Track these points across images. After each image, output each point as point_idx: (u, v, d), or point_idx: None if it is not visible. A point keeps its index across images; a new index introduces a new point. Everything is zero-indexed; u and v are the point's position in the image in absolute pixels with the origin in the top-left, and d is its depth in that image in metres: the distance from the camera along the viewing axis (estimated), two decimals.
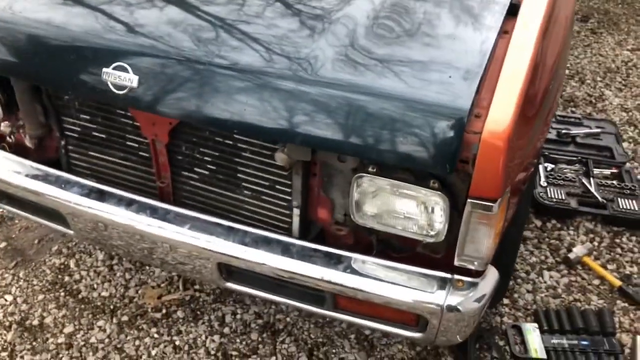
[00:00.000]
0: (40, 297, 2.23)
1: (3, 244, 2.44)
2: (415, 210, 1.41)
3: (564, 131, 2.98)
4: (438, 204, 1.36)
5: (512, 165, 1.31)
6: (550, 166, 2.77)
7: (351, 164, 1.43)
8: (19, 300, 2.21)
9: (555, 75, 1.63)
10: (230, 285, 1.65)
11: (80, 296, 2.23)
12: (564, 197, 2.59)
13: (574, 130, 3.00)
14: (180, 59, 1.43)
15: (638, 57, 3.91)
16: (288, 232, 1.62)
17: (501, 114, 1.27)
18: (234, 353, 2.04)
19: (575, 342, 2.06)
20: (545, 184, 2.64)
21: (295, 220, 1.60)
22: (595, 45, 4.05)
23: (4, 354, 2.03)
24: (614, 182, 2.69)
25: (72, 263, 2.36)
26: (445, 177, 1.33)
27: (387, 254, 1.54)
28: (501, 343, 2.07)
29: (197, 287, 2.26)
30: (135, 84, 1.43)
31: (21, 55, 1.58)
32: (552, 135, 2.97)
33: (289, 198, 1.57)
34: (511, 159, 1.29)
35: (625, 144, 3.03)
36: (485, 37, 1.41)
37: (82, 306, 2.19)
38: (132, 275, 2.30)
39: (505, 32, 1.46)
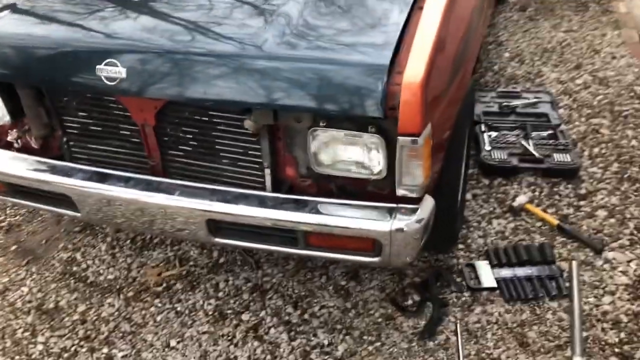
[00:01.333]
0: (53, 285, 2.52)
1: (14, 247, 2.73)
2: (360, 154, 1.75)
3: (504, 104, 3.35)
4: (377, 145, 1.70)
5: (432, 106, 1.66)
6: (493, 134, 3.13)
7: (306, 122, 1.76)
8: (34, 290, 2.50)
9: (466, 41, 1.99)
10: (218, 240, 1.96)
11: (88, 281, 2.52)
12: (506, 157, 2.95)
13: (514, 102, 3.37)
14: (159, 51, 1.77)
15: (571, 37, 4.32)
16: (262, 190, 1.95)
17: (415, 69, 1.62)
18: (229, 311, 2.34)
19: (521, 272, 2.39)
20: (490, 148, 3.00)
21: (268, 179, 1.93)
22: (533, 30, 4.46)
23: (27, 333, 2.32)
24: (550, 141, 3.06)
25: (78, 255, 2.65)
26: (380, 123, 1.67)
27: (344, 197, 1.87)
28: (458, 279, 2.40)
29: (192, 263, 2.56)
30: (124, 75, 1.76)
31: (27, 65, 1.91)
32: (495, 108, 3.34)
33: (260, 160, 1.90)
34: (428, 101, 1.63)
35: (561, 110, 3.41)
36: (402, 11, 1.77)
37: (92, 289, 2.49)
38: (133, 260, 2.60)
39: (420, 7, 1.82)
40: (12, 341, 2.28)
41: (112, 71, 1.77)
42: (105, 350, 2.23)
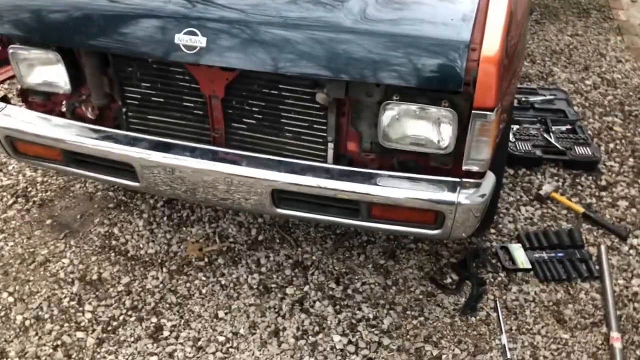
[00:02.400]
0: (94, 258, 2.53)
1: (49, 221, 2.72)
2: (430, 128, 1.82)
3: (523, 99, 3.48)
4: (449, 119, 1.78)
5: (501, 85, 1.75)
6: (515, 127, 3.25)
7: (377, 97, 1.83)
8: (75, 262, 2.51)
9: (524, 25, 2.09)
10: (281, 211, 2.01)
11: (129, 255, 2.54)
12: (530, 149, 3.07)
13: (532, 98, 3.50)
14: (240, 22, 1.82)
15: (577, 40, 4.49)
16: (324, 163, 2.01)
17: (491, 46, 1.70)
18: (273, 285, 2.40)
19: (553, 254, 2.50)
20: (514, 140, 3.12)
21: (330, 153, 1.99)
22: (541, 32, 4.62)
23: (73, 302, 2.33)
24: (570, 135, 3.19)
25: (116, 230, 2.67)
26: (453, 98, 1.76)
27: (405, 172, 1.95)
28: (493, 261, 2.50)
29: (231, 239, 2.61)
30: (204, 44, 1.81)
31: (99, 31, 1.93)
32: (515, 103, 3.46)
33: (325, 134, 1.97)
34: (501, 79, 1.72)
35: (575, 108, 3.55)
36: None
37: (133, 262, 2.51)
38: (172, 235, 2.63)
39: None
40: (59, 309, 2.29)
41: (192, 40, 1.81)
42: (153, 319, 2.26)
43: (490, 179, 1.90)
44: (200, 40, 1.81)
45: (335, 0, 1.86)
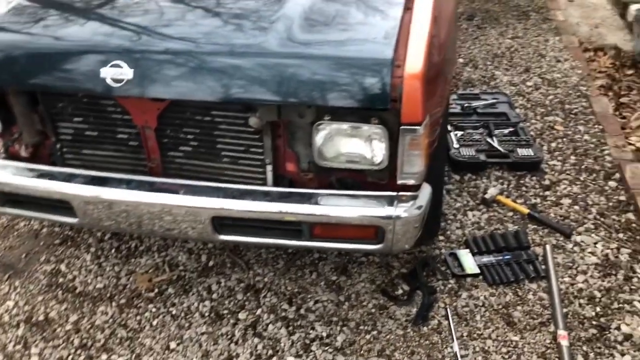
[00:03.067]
0: (40, 298, 2.47)
1: None
2: (363, 145, 1.84)
3: (466, 105, 3.54)
4: (380, 136, 1.80)
5: (428, 99, 1.78)
6: (459, 133, 3.30)
7: (309, 117, 1.85)
8: (20, 303, 2.45)
9: (449, 36, 2.14)
10: (223, 237, 2.00)
11: (77, 291, 2.49)
12: (474, 154, 3.12)
13: (475, 103, 3.56)
14: (166, 52, 1.81)
15: (518, 43, 4.60)
16: (264, 186, 2.01)
17: (414, 62, 1.74)
18: (225, 312, 2.37)
19: (500, 257, 2.54)
20: (458, 146, 3.17)
21: (269, 175, 2.00)
22: (482, 37, 4.72)
23: (19, 346, 2.27)
24: (512, 137, 3.26)
25: (63, 267, 2.61)
26: (382, 114, 1.78)
27: (343, 189, 1.96)
28: (443, 268, 2.53)
29: (181, 267, 2.58)
30: (131, 76, 1.80)
31: (25, 70, 1.90)
32: (457, 109, 3.52)
33: (262, 157, 1.97)
34: (426, 93, 1.75)
35: (517, 110, 3.63)
36: (395, 11, 1.90)
37: (81, 298, 2.46)
38: (121, 268, 2.59)
39: (408, 8, 1.95)
40: (4, 355, 2.23)
41: (118, 73, 1.80)
42: (103, 357, 2.21)
43: (426, 190, 1.92)
44: (127, 73, 1.80)
45: (261, 25, 1.88)
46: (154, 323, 2.34)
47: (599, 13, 5.21)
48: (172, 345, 2.25)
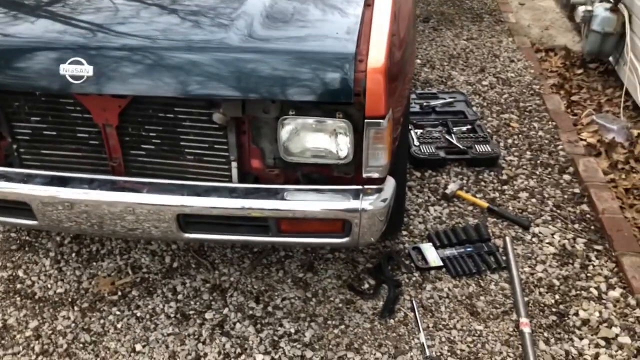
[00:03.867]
0: None
1: None
2: (328, 140, 1.86)
3: (425, 104, 3.61)
4: (344, 130, 1.82)
5: (391, 93, 1.81)
6: (419, 131, 3.36)
7: (274, 113, 1.85)
8: None
9: (409, 34, 2.18)
10: (189, 235, 1.99)
11: (36, 297, 2.42)
12: (434, 151, 3.18)
13: (433, 102, 3.64)
14: (126, 47, 1.79)
15: (473, 44, 4.72)
16: (229, 183, 2.00)
17: (377, 56, 1.77)
18: (191, 312, 2.35)
19: (462, 250, 2.60)
20: (418, 144, 3.23)
21: (234, 172, 1.99)
22: (438, 39, 4.82)
23: None
24: (470, 134, 3.34)
25: (20, 272, 2.54)
26: (347, 109, 1.80)
27: (310, 184, 1.97)
28: (407, 262, 2.56)
29: (145, 270, 2.54)
30: (91, 72, 1.77)
31: None
32: (417, 108, 3.58)
33: (227, 154, 1.96)
34: (389, 87, 1.78)
35: (474, 108, 3.72)
36: (355, 8, 1.93)
37: (41, 304, 2.39)
38: (82, 272, 2.53)
39: (368, 4, 1.98)
40: None
41: (78, 69, 1.77)
42: None
43: (390, 183, 1.95)
44: (87, 69, 1.77)
45: (222, 21, 1.87)
46: (119, 326, 2.29)
47: (548, 16, 5.39)
48: (138, 347, 2.21)
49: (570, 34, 4.95)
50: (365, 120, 1.77)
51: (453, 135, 3.31)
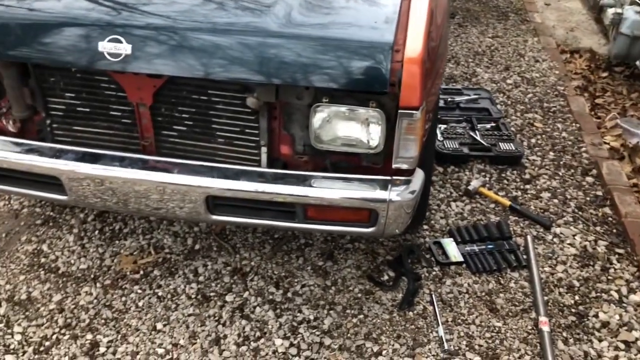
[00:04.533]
0: (22, 277, 2.43)
1: None
2: (359, 129, 1.86)
3: (449, 99, 3.60)
4: (377, 119, 1.82)
5: (425, 84, 1.81)
6: (443, 126, 3.36)
7: (307, 99, 1.86)
8: (1, 282, 2.40)
9: (444, 27, 2.18)
10: (216, 217, 2.00)
11: (60, 272, 2.46)
12: (457, 147, 3.18)
13: (458, 98, 3.63)
14: (166, 27, 1.80)
15: (498, 42, 4.69)
16: (258, 168, 2.01)
17: (414, 47, 1.76)
18: (212, 294, 2.37)
19: (483, 246, 2.60)
20: (442, 139, 3.22)
21: (264, 157, 2.00)
22: (464, 35, 4.80)
23: (1, 325, 2.23)
24: (494, 132, 3.33)
25: (44, 247, 2.57)
26: (380, 98, 1.80)
27: (338, 173, 1.98)
28: (427, 256, 2.57)
29: (167, 250, 2.56)
30: (129, 51, 1.78)
31: (19, 41, 1.87)
32: (441, 103, 3.57)
33: (257, 139, 1.97)
34: (424, 79, 1.78)
35: (499, 106, 3.70)
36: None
37: (64, 279, 2.42)
38: (104, 249, 2.56)
39: None
40: None
41: (116, 47, 1.78)
42: (89, 336, 2.19)
43: (419, 175, 1.96)
44: (125, 48, 1.78)
45: (261, 6, 1.88)
46: (140, 304, 2.32)
47: (574, 17, 5.35)
48: (159, 326, 2.24)
49: (595, 36, 4.91)
50: (399, 111, 1.77)
51: (477, 132, 3.31)
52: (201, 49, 1.78)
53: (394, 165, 1.89)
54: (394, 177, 1.90)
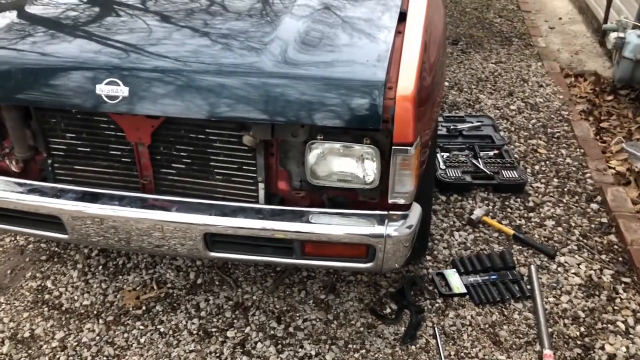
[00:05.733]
0: (25, 314, 2.44)
1: None
2: (355, 165, 1.87)
3: (452, 127, 3.61)
4: (371, 155, 1.83)
5: (419, 120, 1.82)
6: (445, 154, 3.36)
7: (302, 137, 1.87)
8: (5, 320, 2.42)
9: (439, 58, 2.19)
10: (214, 254, 2.01)
11: (63, 308, 2.47)
12: (460, 175, 3.17)
13: (460, 126, 3.63)
14: (162, 69, 1.83)
15: (501, 68, 4.70)
16: (255, 204, 2.03)
17: (406, 84, 1.78)
18: (214, 330, 2.37)
19: (487, 277, 2.58)
20: (444, 167, 3.22)
21: (261, 193, 2.01)
22: (467, 61, 4.82)
23: None
24: (497, 159, 3.32)
25: (49, 283, 2.59)
26: (374, 135, 1.81)
27: (335, 208, 1.98)
28: (430, 288, 2.55)
29: (169, 285, 2.57)
30: (126, 93, 1.81)
31: (19, 85, 1.91)
32: (444, 131, 3.58)
33: (255, 175, 1.99)
34: (417, 114, 1.79)
35: (502, 133, 3.70)
36: (387, 36, 1.95)
37: (68, 315, 2.44)
38: (108, 285, 2.58)
39: (399, 32, 2.00)
40: None
41: (113, 90, 1.82)
42: None
43: (416, 210, 1.95)
44: (122, 90, 1.82)
45: (255, 45, 1.91)
46: (142, 341, 2.32)
47: (578, 40, 5.36)
48: None
49: (600, 59, 4.91)
50: (393, 147, 1.78)
51: (480, 159, 3.30)
52: (196, 89, 1.80)
53: (390, 201, 1.89)
54: (391, 212, 1.91)
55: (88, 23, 2.11)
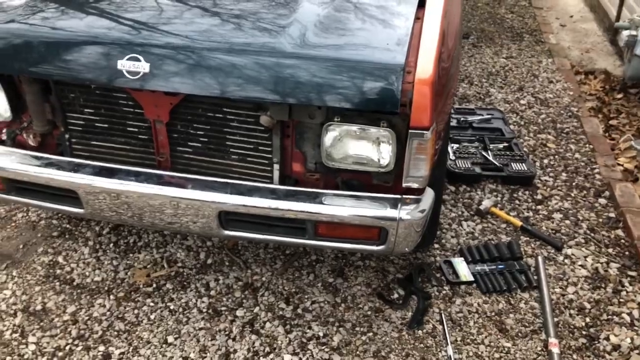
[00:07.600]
0: (37, 288, 2.47)
1: None
2: (370, 148, 1.89)
3: (462, 119, 3.62)
4: (387, 139, 1.85)
5: (436, 105, 1.84)
6: (455, 145, 3.38)
7: (319, 118, 1.89)
8: (17, 292, 2.45)
9: (456, 47, 2.21)
10: (228, 232, 2.03)
11: (74, 283, 2.50)
12: (470, 166, 3.19)
13: (470, 118, 3.65)
14: (183, 46, 1.85)
15: (512, 62, 4.71)
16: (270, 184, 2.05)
17: (425, 69, 1.80)
18: (223, 308, 2.40)
19: (494, 266, 2.60)
20: (454, 158, 3.24)
21: (276, 174, 2.03)
22: (478, 55, 4.83)
23: (16, 334, 2.27)
24: (507, 152, 3.34)
25: (60, 259, 2.62)
26: (391, 119, 1.83)
27: (348, 190, 2.00)
28: (438, 275, 2.58)
29: (180, 264, 2.60)
30: (147, 69, 1.83)
31: (42, 58, 1.93)
32: (454, 123, 3.60)
33: (270, 156, 2.01)
34: (435, 99, 1.81)
35: (511, 126, 3.71)
36: (406, 21, 1.96)
37: (79, 290, 2.47)
38: (119, 262, 2.60)
39: (418, 18, 2.02)
40: (1, 343, 2.23)
41: (135, 65, 1.83)
42: (101, 348, 2.22)
43: (429, 195, 1.98)
44: (144, 66, 1.84)
45: (276, 27, 1.93)
46: (152, 317, 2.35)
47: (589, 38, 5.35)
48: (170, 339, 2.26)
49: (611, 57, 4.91)
50: (410, 131, 1.80)
51: (489, 151, 3.32)
52: (217, 68, 1.82)
53: (404, 184, 1.91)
54: (404, 196, 1.93)
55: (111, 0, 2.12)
